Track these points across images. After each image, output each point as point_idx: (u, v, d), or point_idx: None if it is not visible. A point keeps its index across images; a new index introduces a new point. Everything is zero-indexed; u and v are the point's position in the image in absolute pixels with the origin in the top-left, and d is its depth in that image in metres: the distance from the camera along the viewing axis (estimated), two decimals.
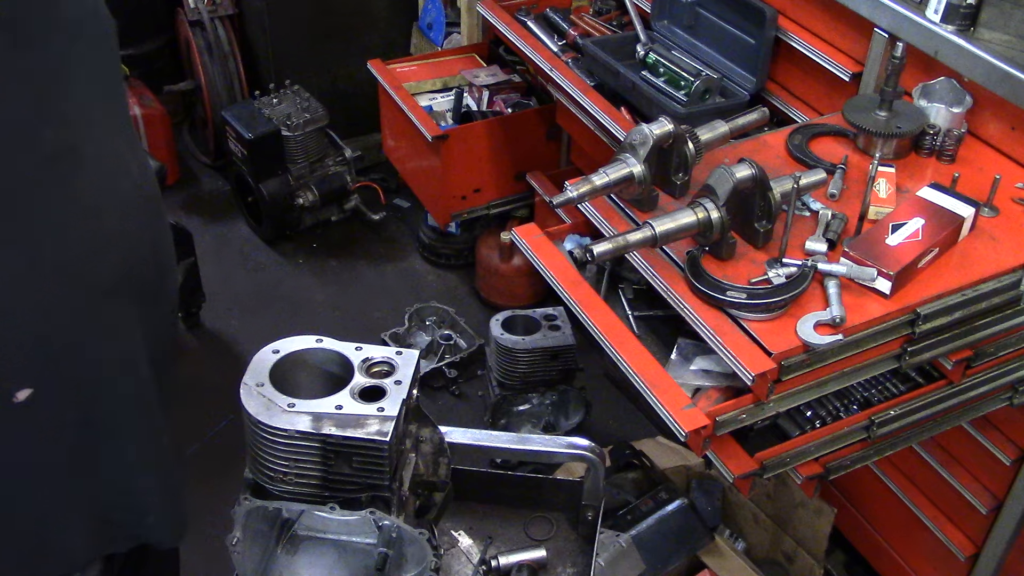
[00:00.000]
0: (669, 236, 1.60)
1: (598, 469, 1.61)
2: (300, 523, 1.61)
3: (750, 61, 2.45)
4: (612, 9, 3.08)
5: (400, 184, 4.00)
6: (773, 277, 1.59)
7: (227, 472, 1.60)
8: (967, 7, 1.92)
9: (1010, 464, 2.09)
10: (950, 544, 2.29)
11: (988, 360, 1.77)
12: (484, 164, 3.28)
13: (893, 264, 1.58)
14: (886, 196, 1.78)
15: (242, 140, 3.65)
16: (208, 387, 3.24)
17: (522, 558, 1.63)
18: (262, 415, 1.27)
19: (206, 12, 3.97)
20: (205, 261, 3.58)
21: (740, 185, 1.59)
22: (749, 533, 2.67)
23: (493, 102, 3.36)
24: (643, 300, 1.81)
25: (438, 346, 3.37)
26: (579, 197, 1.65)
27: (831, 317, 1.52)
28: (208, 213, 4.11)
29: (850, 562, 2.71)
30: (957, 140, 1.91)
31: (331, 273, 3.85)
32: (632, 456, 2.74)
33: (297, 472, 1.31)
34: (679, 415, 1.51)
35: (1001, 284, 1.67)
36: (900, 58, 1.88)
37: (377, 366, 1.35)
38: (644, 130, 1.66)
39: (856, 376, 1.66)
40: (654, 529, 2.46)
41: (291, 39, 4.01)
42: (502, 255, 3.51)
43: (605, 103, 2.61)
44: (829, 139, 2.00)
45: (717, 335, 1.53)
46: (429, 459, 1.44)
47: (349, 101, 4.08)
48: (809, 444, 1.69)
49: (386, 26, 4.17)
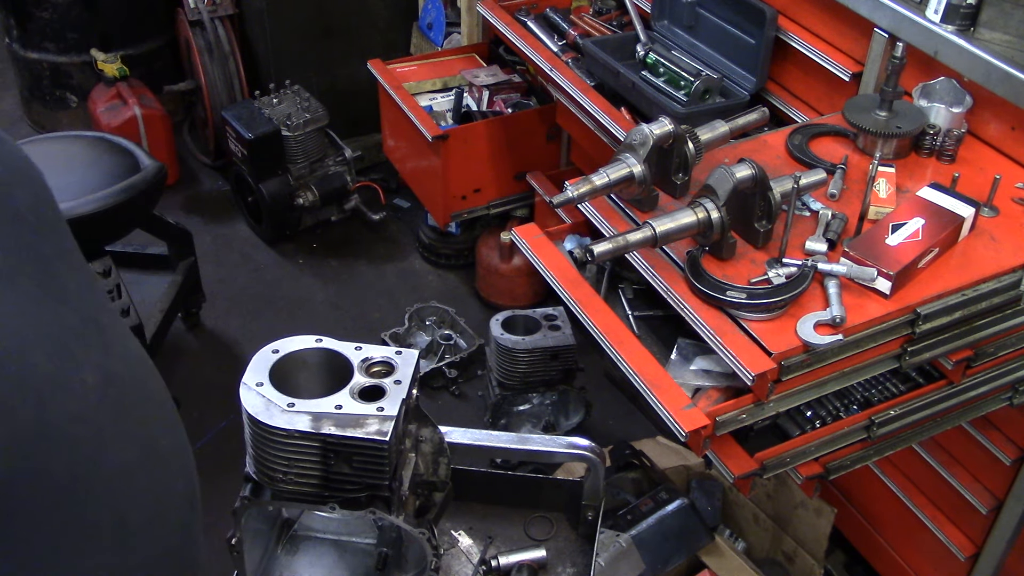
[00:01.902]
0: (669, 236, 1.60)
1: (598, 469, 1.61)
2: (300, 523, 1.61)
3: (750, 61, 2.45)
4: (612, 9, 3.08)
5: (400, 184, 4.00)
6: (773, 277, 1.59)
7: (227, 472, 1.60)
8: (967, 7, 1.92)
9: (1010, 464, 2.09)
10: (950, 544, 2.29)
11: (988, 360, 1.77)
12: (484, 164, 3.28)
13: (893, 264, 1.58)
14: (886, 196, 1.77)
15: (242, 140, 3.65)
16: (208, 387, 3.24)
17: (522, 558, 1.63)
18: (262, 415, 1.27)
19: (206, 12, 3.97)
20: (205, 261, 3.58)
21: (740, 185, 1.59)
22: (749, 533, 2.67)
23: (493, 102, 3.36)
24: (643, 300, 1.81)
25: (438, 346, 3.37)
26: (579, 197, 1.65)
27: (831, 317, 1.52)
28: (208, 213, 4.11)
29: (850, 562, 2.71)
30: (957, 140, 1.91)
31: (331, 273, 3.85)
32: (632, 456, 2.74)
33: (297, 472, 1.31)
34: (679, 415, 1.51)
35: (1001, 284, 1.67)
36: (900, 58, 1.88)
37: (377, 366, 1.35)
38: (644, 130, 1.66)
39: (856, 376, 1.66)
40: (654, 529, 2.46)
41: (291, 39, 4.01)
42: (502, 255, 3.51)
43: (605, 103, 2.61)
44: (829, 139, 2.00)
45: (717, 335, 1.53)
46: (429, 459, 1.44)
47: (349, 101, 4.08)
48: (809, 444, 1.69)
49: (386, 26, 4.17)
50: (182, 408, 2.75)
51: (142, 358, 1.06)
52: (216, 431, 3.07)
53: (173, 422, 1.09)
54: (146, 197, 2.91)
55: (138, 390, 1.03)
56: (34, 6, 4.13)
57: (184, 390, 3.10)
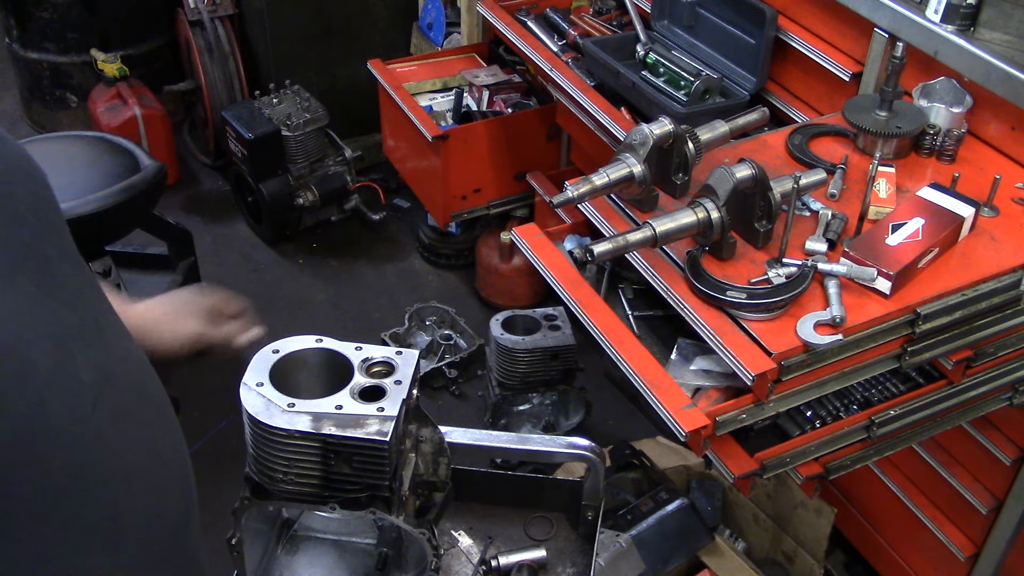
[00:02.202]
0: (669, 236, 1.60)
1: (598, 469, 1.61)
2: (300, 523, 1.61)
3: (750, 61, 2.45)
4: (612, 9, 3.08)
5: (400, 184, 4.00)
6: (773, 277, 1.59)
7: (227, 472, 1.60)
8: (967, 7, 1.92)
9: (1010, 464, 2.09)
10: (950, 544, 2.29)
11: (988, 360, 1.77)
12: (484, 164, 3.28)
13: (893, 264, 1.58)
14: (886, 196, 1.77)
15: (242, 140, 3.65)
16: (208, 387, 3.24)
17: (522, 558, 1.63)
18: (262, 415, 1.27)
19: (206, 12, 3.97)
20: (205, 261, 3.58)
21: (740, 185, 1.59)
22: (749, 533, 2.67)
23: (493, 102, 3.36)
24: (643, 300, 1.81)
25: (438, 346, 3.37)
26: (579, 197, 1.65)
27: (831, 317, 1.52)
28: (208, 213, 4.11)
29: (850, 562, 2.71)
30: (957, 140, 1.91)
31: (331, 273, 3.85)
32: (632, 456, 2.74)
33: (297, 472, 1.31)
34: (679, 415, 1.50)
35: (1001, 284, 1.67)
36: (900, 58, 1.88)
37: (377, 366, 1.35)
38: (644, 130, 1.66)
39: (856, 376, 1.66)
40: (654, 529, 2.46)
41: (291, 39, 4.01)
42: (502, 255, 3.51)
43: (605, 103, 2.61)
44: (829, 139, 2.00)
45: (717, 335, 1.53)
46: (429, 459, 1.44)
47: (349, 101, 4.08)
48: (809, 444, 1.69)
49: (386, 26, 4.17)
50: (182, 409, 2.75)
51: (141, 360, 1.05)
52: (216, 431, 3.07)
53: (171, 425, 1.08)
54: (146, 197, 2.91)
55: (137, 391, 1.01)
56: (34, 6, 4.13)
57: (184, 390, 3.09)
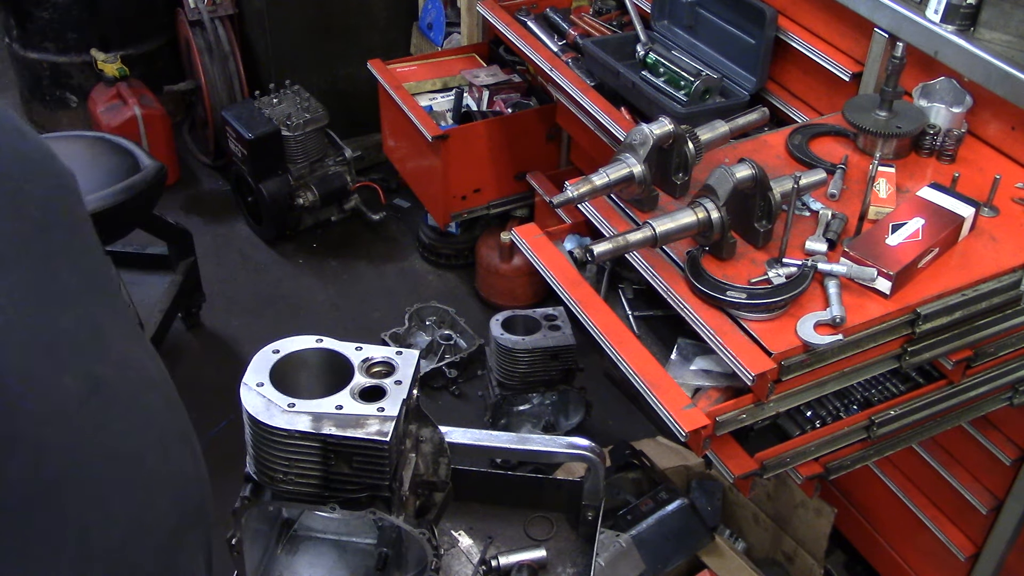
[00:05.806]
0: (669, 236, 1.60)
1: (598, 469, 1.61)
2: (300, 523, 1.61)
3: (750, 61, 2.45)
4: (612, 9, 3.08)
5: (400, 184, 4.00)
6: (773, 277, 1.59)
7: (227, 472, 1.60)
8: (967, 7, 1.92)
9: (1010, 464, 2.09)
10: (950, 544, 2.29)
11: (988, 360, 1.77)
12: (484, 164, 3.28)
13: (893, 264, 1.58)
14: (886, 196, 1.77)
15: (242, 140, 3.65)
16: (208, 387, 3.24)
17: (522, 558, 1.63)
18: (262, 415, 1.27)
19: (206, 12, 3.97)
20: (205, 261, 3.58)
21: (740, 185, 1.59)
22: (749, 533, 2.67)
23: (493, 102, 3.36)
24: (643, 300, 1.81)
25: (438, 346, 3.37)
26: (579, 197, 1.65)
27: (831, 317, 1.52)
28: (208, 213, 4.11)
29: (850, 562, 2.71)
30: (957, 140, 1.91)
31: (331, 273, 3.85)
32: (632, 456, 2.74)
33: (297, 472, 1.31)
34: (679, 415, 1.50)
35: (1001, 284, 1.67)
36: (900, 58, 1.88)
37: (377, 366, 1.35)
38: (644, 130, 1.66)
39: (856, 376, 1.66)
40: (654, 529, 2.46)
41: (291, 39, 4.01)
42: (502, 255, 3.51)
43: (605, 103, 2.61)
44: (829, 139, 2.00)
45: (717, 335, 1.53)
46: (429, 459, 1.44)
47: (349, 101, 4.08)
48: (809, 444, 1.69)
49: (386, 26, 4.17)
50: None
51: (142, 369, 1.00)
52: (216, 431, 3.07)
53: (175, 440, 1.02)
54: (146, 197, 2.91)
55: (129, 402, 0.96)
56: (34, 6, 4.13)
57: (184, 390, 3.06)
